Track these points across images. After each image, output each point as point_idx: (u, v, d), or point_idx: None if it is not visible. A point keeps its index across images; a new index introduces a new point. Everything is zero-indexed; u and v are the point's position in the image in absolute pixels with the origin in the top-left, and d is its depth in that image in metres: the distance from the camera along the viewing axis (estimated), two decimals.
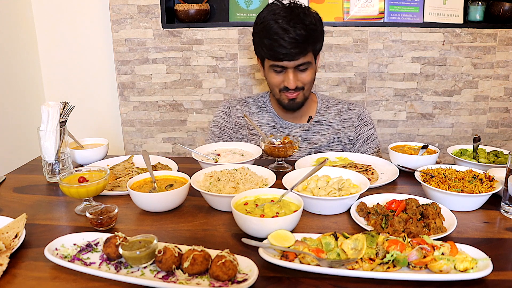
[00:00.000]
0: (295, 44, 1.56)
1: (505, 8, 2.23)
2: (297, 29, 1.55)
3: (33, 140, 2.38)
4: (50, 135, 1.40)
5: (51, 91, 2.73)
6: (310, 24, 1.59)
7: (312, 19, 1.62)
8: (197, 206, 1.24)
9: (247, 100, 1.93)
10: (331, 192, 1.19)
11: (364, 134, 1.84)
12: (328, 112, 1.87)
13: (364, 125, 1.86)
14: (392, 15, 2.34)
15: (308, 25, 1.58)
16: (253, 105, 1.90)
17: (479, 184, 1.21)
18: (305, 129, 1.83)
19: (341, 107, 1.88)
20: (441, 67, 2.38)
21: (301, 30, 1.56)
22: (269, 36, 1.59)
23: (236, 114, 1.89)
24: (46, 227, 1.13)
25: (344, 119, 1.85)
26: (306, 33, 1.57)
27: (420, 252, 0.88)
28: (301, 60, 1.62)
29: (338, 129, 1.83)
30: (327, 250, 0.93)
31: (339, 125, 1.84)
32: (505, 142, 2.50)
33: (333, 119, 1.85)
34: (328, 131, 1.83)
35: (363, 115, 1.87)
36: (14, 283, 0.88)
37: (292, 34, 1.55)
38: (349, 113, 1.87)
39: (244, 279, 0.84)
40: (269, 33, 1.59)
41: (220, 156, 1.56)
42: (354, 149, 1.84)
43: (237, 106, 1.90)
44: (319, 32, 1.66)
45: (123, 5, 2.41)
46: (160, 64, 2.49)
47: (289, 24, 1.55)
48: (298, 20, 1.57)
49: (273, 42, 1.58)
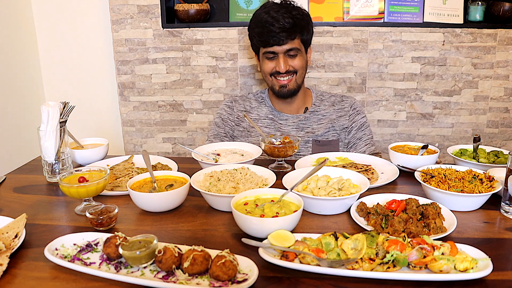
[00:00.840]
0: (283, 29, 1.74)
1: (505, 8, 2.23)
2: (285, 18, 1.74)
3: (33, 140, 2.39)
4: (50, 135, 1.40)
5: (51, 91, 2.73)
6: (297, 15, 1.78)
7: (299, 11, 1.81)
8: (197, 206, 1.24)
9: (248, 96, 2.06)
10: (331, 192, 1.19)
11: (357, 122, 1.95)
12: (322, 104, 2.00)
13: (357, 113, 1.97)
14: (392, 15, 2.34)
15: (295, 15, 1.77)
16: (253, 100, 2.03)
17: (479, 184, 1.21)
18: (301, 119, 1.95)
19: (334, 99, 2.02)
20: (441, 67, 2.38)
21: (289, 18, 1.74)
22: (260, 25, 1.78)
23: (238, 108, 2.01)
24: (46, 227, 1.13)
25: (338, 109, 1.98)
26: (293, 21, 1.75)
27: (420, 252, 0.88)
28: (289, 45, 1.78)
29: (332, 118, 1.95)
30: (327, 250, 0.93)
31: (333, 115, 1.96)
32: (505, 142, 2.50)
33: (327, 110, 1.98)
34: (324, 121, 1.95)
35: (355, 105, 2.00)
36: (14, 283, 0.88)
37: (281, 22, 1.73)
38: (342, 104, 2.00)
39: (244, 279, 0.84)
40: (260, 23, 1.78)
41: (220, 156, 1.56)
42: (349, 137, 1.95)
43: (239, 101, 2.04)
44: (305, 22, 1.82)
45: (123, 5, 2.41)
46: (160, 64, 2.49)
47: (278, 14, 1.74)
48: (286, 11, 1.76)
49: (263, 30, 1.76)
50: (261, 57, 1.89)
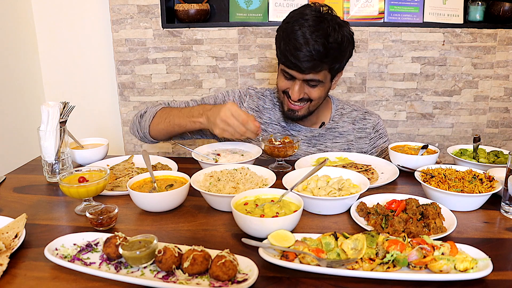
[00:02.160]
0: (309, 58, 1.45)
1: (505, 8, 2.23)
2: (317, 44, 1.43)
3: (33, 140, 2.38)
4: (50, 135, 1.40)
5: (51, 91, 2.73)
6: (334, 42, 1.47)
7: (339, 37, 1.48)
8: (197, 206, 1.24)
9: (265, 94, 1.83)
10: (331, 192, 1.19)
11: (378, 148, 1.77)
12: (342, 120, 1.77)
13: (380, 137, 1.78)
14: (392, 15, 2.34)
15: (331, 43, 1.46)
16: (269, 100, 1.80)
17: (479, 184, 1.21)
18: (315, 135, 1.74)
19: (356, 115, 1.78)
20: (441, 67, 2.38)
21: (321, 46, 1.44)
22: (287, 41, 1.49)
23: (250, 105, 1.79)
24: (46, 227, 1.13)
25: (358, 128, 1.75)
26: (325, 51, 1.45)
27: (420, 252, 0.88)
28: (311, 76, 1.52)
29: (350, 139, 1.74)
30: (327, 250, 0.93)
31: (352, 135, 1.75)
32: (505, 142, 2.50)
33: (346, 128, 1.75)
34: (340, 140, 1.74)
35: (378, 126, 1.78)
36: (14, 283, 0.87)
37: (310, 48, 1.44)
38: (364, 122, 1.77)
39: (244, 279, 0.84)
40: (288, 37, 1.49)
41: (220, 156, 1.56)
42: None
43: (254, 97, 1.81)
44: (342, 51, 1.53)
45: (123, 5, 2.41)
46: (160, 64, 2.49)
47: (311, 36, 1.44)
48: (322, 34, 1.44)
49: (289, 49, 1.47)
50: (278, 69, 1.64)
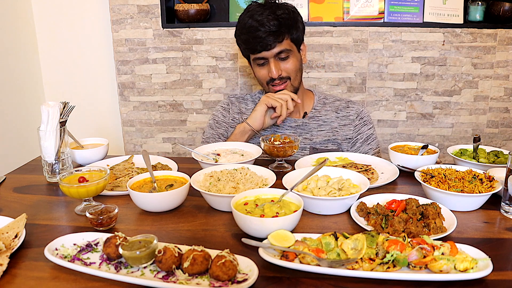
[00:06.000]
0: (269, 33, 1.64)
1: (505, 8, 2.23)
2: (270, 20, 1.64)
3: (33, 140, 2.38)
4: (50, 135, 1.40)
5: (51, 91, 2.73)
6: (283, 14, 1.67)
7: (285, 9, 1.70)
8: (197, 206, 1.24)
9: (245, 98, 1.99)
10: (331, 192, 1.19)
11: (363, 134, 1.83)
12: (324, 109, 1.87)
13: (364, 124, 1.85)
14: (392, 15, 2.34)
15: (280, 15, 1.66)
16: (250, 101, 1.96)
17: (479, 184, 1.21)
18: (299, 124, 1.84)
19: (339, 105, 1.88)
20: (441, 67, 2.38)
21: (274, 20, 1.64)
22: (245, 31, 1.69)
23: (234, 110, 1.94)
24: (46, 227, 1.13)
25: (342, 116, 1.85)
26: (279, 22, 1.65)
27: (420, 252, 0.88)
28: (278, 48, 1.68)
29: (334, 126, 1.83)
30: (327, 250, 0.93)
31: (335, 122, 1.84)
32: (505, 142, 2.50)
33: (329, 116, 1.85)
34: (324, 128, 1.83)
35: (362, 113, 1.86)
36: (14, 283, 0.88)
37: (266, 25, 1.63)
38: (347, 110, 1.86)
39: (244, 279, 0.84)
40: (244, 28, 1.69)
41: (220, 156, 1.56)
42: (353, 149, 1.83)
43: (235, 103, 1.97)
44: (293, 20, 1.71)
45: (123, 5, 2.41)
46: (160, 64, 2.49)
47: (262, 16, 1.64)
48: (270, 12, 1.66)
49: (249, 36, 1.67)
50: (252, 64, 1.80)
